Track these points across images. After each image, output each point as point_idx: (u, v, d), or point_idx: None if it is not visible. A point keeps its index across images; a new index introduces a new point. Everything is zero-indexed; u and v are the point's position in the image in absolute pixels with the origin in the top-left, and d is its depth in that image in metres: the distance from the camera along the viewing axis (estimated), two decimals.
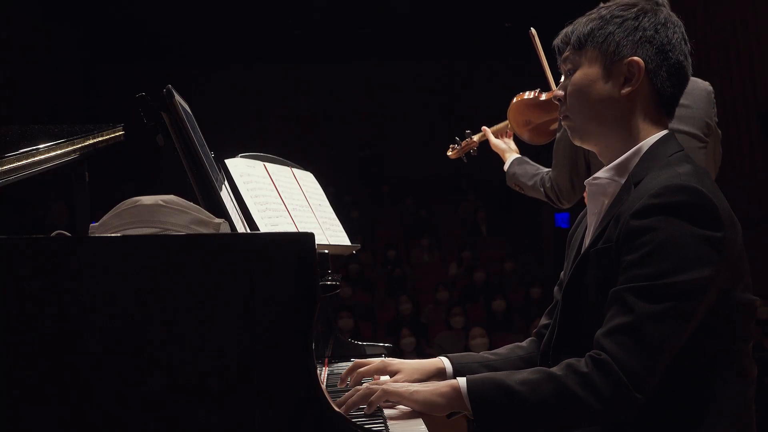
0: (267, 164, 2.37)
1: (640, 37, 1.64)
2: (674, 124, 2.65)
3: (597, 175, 1.71)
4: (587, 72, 1.67)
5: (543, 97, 3.21)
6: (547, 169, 3.05)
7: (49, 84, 10.66)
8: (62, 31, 11.24)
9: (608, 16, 1.67)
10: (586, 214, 1.80)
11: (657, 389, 1.50)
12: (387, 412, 1.65)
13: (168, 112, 1.75)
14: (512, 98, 3.28)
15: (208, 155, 1.87)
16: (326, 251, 1.75)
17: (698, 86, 2.70)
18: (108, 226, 1.52)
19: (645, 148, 1.64)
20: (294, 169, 2.56)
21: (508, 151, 3.30)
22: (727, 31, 9.32)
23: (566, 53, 1.72)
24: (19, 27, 9.87)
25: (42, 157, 1.80)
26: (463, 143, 3.52)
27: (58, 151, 1.87)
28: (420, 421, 1.62)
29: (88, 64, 12.42)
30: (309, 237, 1.41)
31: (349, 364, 1.90)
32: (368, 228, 11.64)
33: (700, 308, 1.48)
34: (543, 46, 3.12)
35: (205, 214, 1.56)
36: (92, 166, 2.14)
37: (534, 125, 3.25)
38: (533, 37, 3.26)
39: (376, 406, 1.61)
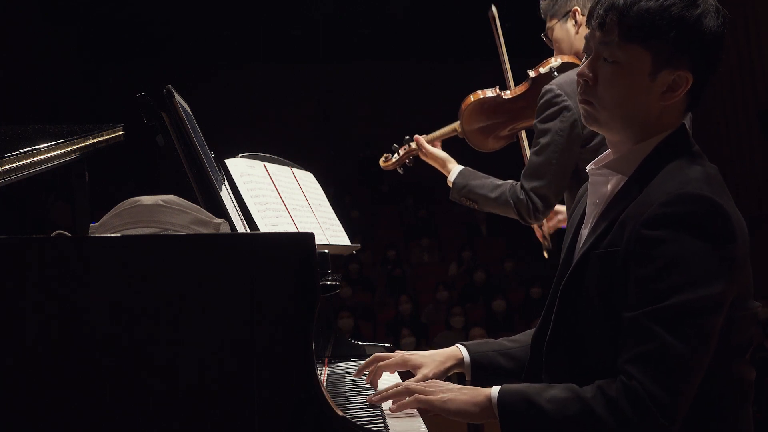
0: (267, 164, 2.37)
1: (699, 48, 1.53)
2: None
3: (602, 164, 1.65)
4: (632, 69, 1.54)
5: (507, 95, 2.84)
6: (509, 181, 2.68)
7: (49, 84, 10.65)
8: (62, 31, 11.23)
9: (671, 8, 1.50)
10: (583, 195, 1.74)
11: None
12: (386, 408, 1.65)
13: (168, 112, 1.76)
14: (466, 98, 2.89)
15: (208, 155, 1.87)
16: (326, 251, 1.75)
17: None
18: (108, 226, 1.52)
19: (654, 144, 1.57)
20: (294, 169, 2.56)
21: (450, 160, 2.93)
22: (727, 30, 9.29)
23: (612, 36, 1.54)
24: (19, 27, 9.86)
25: (42, 157, 1.80)
26: (402, 152, 3.10)
27: (58, 151, 1.87)
28: (420, 420, 1.62)
29: (88, 63, 12.39)
30: (309, 237, 1.41)
31: (349, 364, 1.90)
32: (368, 228, 11.62)
33: (718, 323, 1.46)
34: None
35: (205, 214, 1.56)
36: (92, 166, 2.13)
37: (491, 130, 2.90)
38: (493, 19, 2.90)
39: (403, 410, 1.62)
